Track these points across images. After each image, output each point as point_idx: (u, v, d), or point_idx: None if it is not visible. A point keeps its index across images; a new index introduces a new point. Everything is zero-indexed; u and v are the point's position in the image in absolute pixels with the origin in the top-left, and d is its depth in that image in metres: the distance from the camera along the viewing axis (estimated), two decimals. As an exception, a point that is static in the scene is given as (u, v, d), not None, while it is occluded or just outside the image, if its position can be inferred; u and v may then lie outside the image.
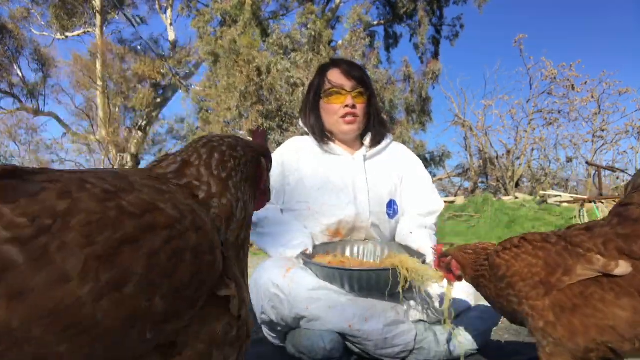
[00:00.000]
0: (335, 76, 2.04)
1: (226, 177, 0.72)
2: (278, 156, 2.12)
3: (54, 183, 0.47)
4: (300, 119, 2.24)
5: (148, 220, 0.51)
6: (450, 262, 1.58)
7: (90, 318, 0.43)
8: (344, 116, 2.03)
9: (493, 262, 1.38)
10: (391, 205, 2.08)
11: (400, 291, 1.65)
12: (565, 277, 1.17)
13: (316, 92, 2.11)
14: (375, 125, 2.16)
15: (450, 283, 1.65)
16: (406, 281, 1.65)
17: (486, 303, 1.96)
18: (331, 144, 2.11)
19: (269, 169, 0.94)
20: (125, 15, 18.54)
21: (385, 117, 2.50)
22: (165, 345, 0.52)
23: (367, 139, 2.14)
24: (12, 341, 0.39)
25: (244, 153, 0.80)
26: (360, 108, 2.05)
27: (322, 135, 2.11)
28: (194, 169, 0.70)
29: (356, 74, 2.04)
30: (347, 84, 2.02)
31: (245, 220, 0.77)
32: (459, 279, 1.59)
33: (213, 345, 0.57)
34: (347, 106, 2.01)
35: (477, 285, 1.50)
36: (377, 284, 1.67)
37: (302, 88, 14.14)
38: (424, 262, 1.79)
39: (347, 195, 2.01)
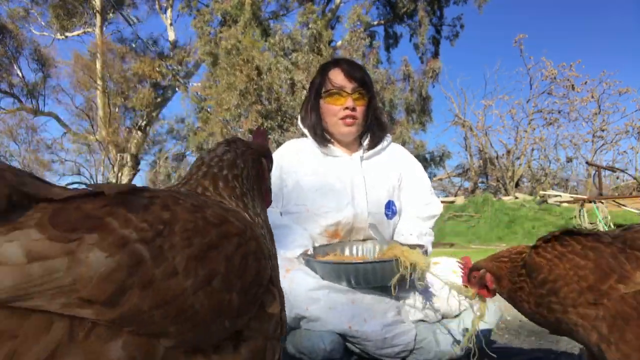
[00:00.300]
0: (336, 76, 2.03)
1: (244, 207, 0.79)
2: (277, 158, 2.11)
3: (156, 198, 0.58)
4: (299, 119, 2.23)
5: (224, 229, 0.62)
6: (484, 276, 1.38)
7: (191, 306, 0.54)
8: (343, 118, 2.02)
9: (532, 261, 1.19)
10: (389, 206, 2.07)
11: (396, 282, 1.64)
12: (620, 285, 1.01)
13: (317, 92, 2.10)
14: (374, 127, 2.15)
15: (482, 299, 1.46)
16: (409, 270, 1.63)
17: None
18: (330, 146, 2.10)
19: (269, 168, 0.97)
20: (122, 14, 18.56)
21: (385, 117, 2.48)
22: (234, 336, 0.62)
23: (366, 141, 2.14)
24: (141, 322, 0.49)
25: (244, 165, 0.84)
26: (360, 110, 2.04)
27: (322, 136, 2.10)
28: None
29: (357, 75, 2.03)
30: (348, 85, 2.01)
31: (271, 236, 0.85)
32: (494, 293, 1.39)
33: (267, 339, 0.67)
34: (347, 108, 2.01)
35: (514, 300, 1.28)
36: (382, 275, 1.66)
37: (303, 89, 14.16)
38: (425, 252, 1.78)
39: (345, 197, 2.00)
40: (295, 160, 2.09)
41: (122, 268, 0.48)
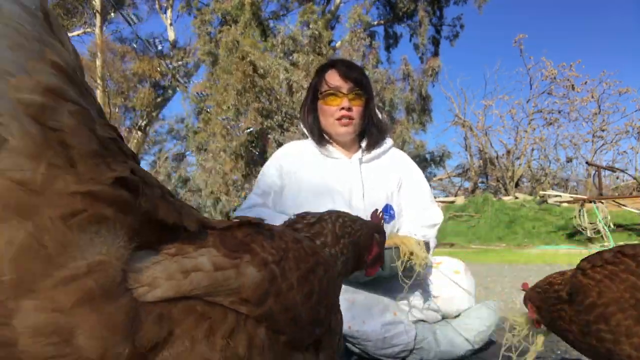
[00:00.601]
0: (332, 78, 2.03)
1: (339, 237, 1.03)
2: (276, 160, 2.11)
3: (274, 231, 0.78)
4: (300, 119, 2.23)
5: (316, 258, 0.82)
6: (527, 304, 1.31)
7: (300, 314, 0.72)
8: (339, 118, 2.02)
9: (578, 283, 1.06)
10: (387, 210, 2.06)
11: (399, 269, 1.64)
12: None
13: (314, 93, 2.10)
14: (372, 128, 2.14)
15: (536, 329, 1.36)
16: (408, 258, 1.63)
17: (486, 303, 1.97)
18: (329, 147, 2.10)
19: (380, 242, 1.21)
20: (122, 14, 18.57)
21: (385, 117, 2.46)
22: (316, 343, 0.80)
23: (364, 142, 2.13)
24: (272, 321, 0.67)
25: (360, 228, 1.09)
26: (356, 111, 2.04)
27: (320, 136, 2.10)
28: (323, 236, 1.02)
29: (354, 75, 2.02)
30: (344, 85, 2.01)
31: (343, 271, 1.05)
32: (539, 323, 1.29)
33: (334, 352, 0.83)
34: (342, 108, 2.00)
35: (557, 330, 1.16)
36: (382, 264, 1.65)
37: (302, 89, 14.16)
38: (427, 246, 1.77)
39: (342, 198, 1.99)
40: (295, 162, 2.08)
41: (265, 280, 0.67)
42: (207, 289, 0.60)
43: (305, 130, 2.15)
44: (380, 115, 2.21)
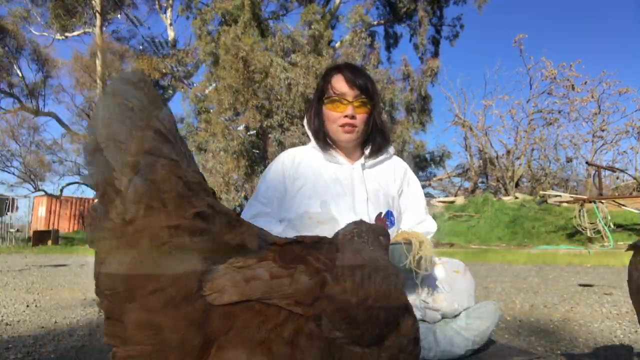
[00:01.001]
0: (338, 83, 2.01)
1: None
2: (277, 166, 2.09)
3: (332, 244, 0.91)
4: (305, 121, 2.22)
5: (374, 265, 0.91)
6: None
7: (354, 316, 0.80)
8: (342, 125, 2.02)
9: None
10: (389, 217, 2.05)
11: (413, 263, 1.65)
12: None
13: (319, 97, 2.09)
14: (376, 136, 2.13)
15: None
16: (418, 253, 1.64)
17: (486, 303, 1.97)
18: (332, 152, 2.08)
19: (386, 245, 1.25)
20: (126, 14, 18.58)
21: (385, 117, 2.45)
22: (379, 342, 0.87)
23: (367, 149, 2.12)
24: (327, 322, 0.76)
25: (367, 237, 1.14)
26: (360, 118, 2.02)
27: (325, 141, 2.08)
28: None
29: (360, 82, 1.99)
30: (350, 92, 1.99)
31: None
32: None
33: (401, 352, 0.90)
34: (346, 116, 2.00)
35: None
36: (392, 259, 1.64)
37: (299, 86, 14.15)
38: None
39: (346, 204, 1.99)
40: (298, 168, 2.07)
41: (317, 286, 0.77)
42: (264, 293, 0.72)
43: (310, 134, 2.14)
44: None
